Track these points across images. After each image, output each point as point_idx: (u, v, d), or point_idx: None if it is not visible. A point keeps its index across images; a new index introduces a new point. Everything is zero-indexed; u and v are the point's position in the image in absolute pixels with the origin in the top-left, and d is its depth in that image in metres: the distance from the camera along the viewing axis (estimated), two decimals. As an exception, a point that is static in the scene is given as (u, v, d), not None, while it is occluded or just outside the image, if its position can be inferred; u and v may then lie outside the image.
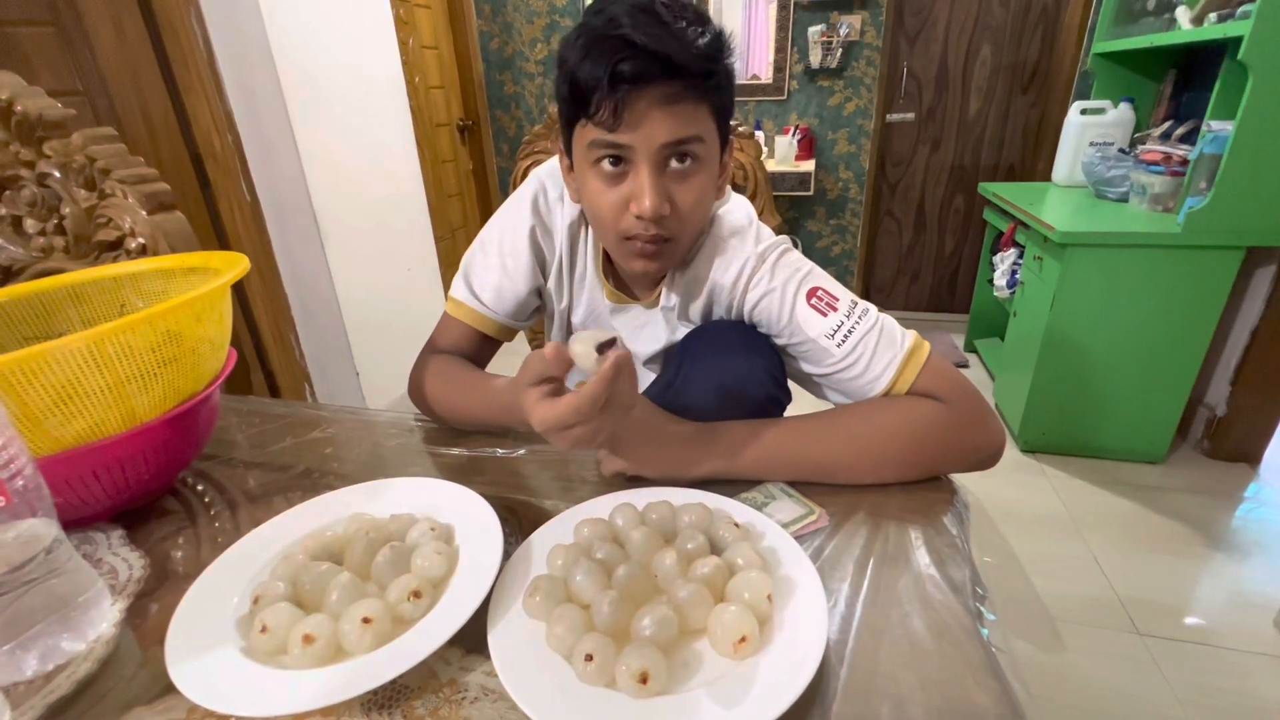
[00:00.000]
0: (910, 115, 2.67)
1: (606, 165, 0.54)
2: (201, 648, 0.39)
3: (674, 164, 0.54)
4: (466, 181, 2.98)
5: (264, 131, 1.72)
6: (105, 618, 0.44)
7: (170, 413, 0.52)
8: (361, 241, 2.09)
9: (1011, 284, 2.06)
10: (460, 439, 0.67)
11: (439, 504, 0.51)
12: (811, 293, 0.58)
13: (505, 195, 0.77)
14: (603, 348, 0.45)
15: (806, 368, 0.61)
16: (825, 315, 0.57)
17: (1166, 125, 1.97)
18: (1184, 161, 1.69)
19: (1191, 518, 1.62)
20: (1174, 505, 1.67)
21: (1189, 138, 1.83)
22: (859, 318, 0.57)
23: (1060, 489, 1.75)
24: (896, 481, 0.54)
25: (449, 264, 2.60)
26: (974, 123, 2.63)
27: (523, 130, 3.04)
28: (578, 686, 0.36)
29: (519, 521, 0.53)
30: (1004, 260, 2.11)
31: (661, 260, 0.59)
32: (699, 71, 0.50)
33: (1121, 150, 2.02)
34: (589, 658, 0.36)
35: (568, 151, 0.59)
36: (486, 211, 3.07)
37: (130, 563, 0.50)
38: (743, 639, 0.37)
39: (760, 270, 0.60)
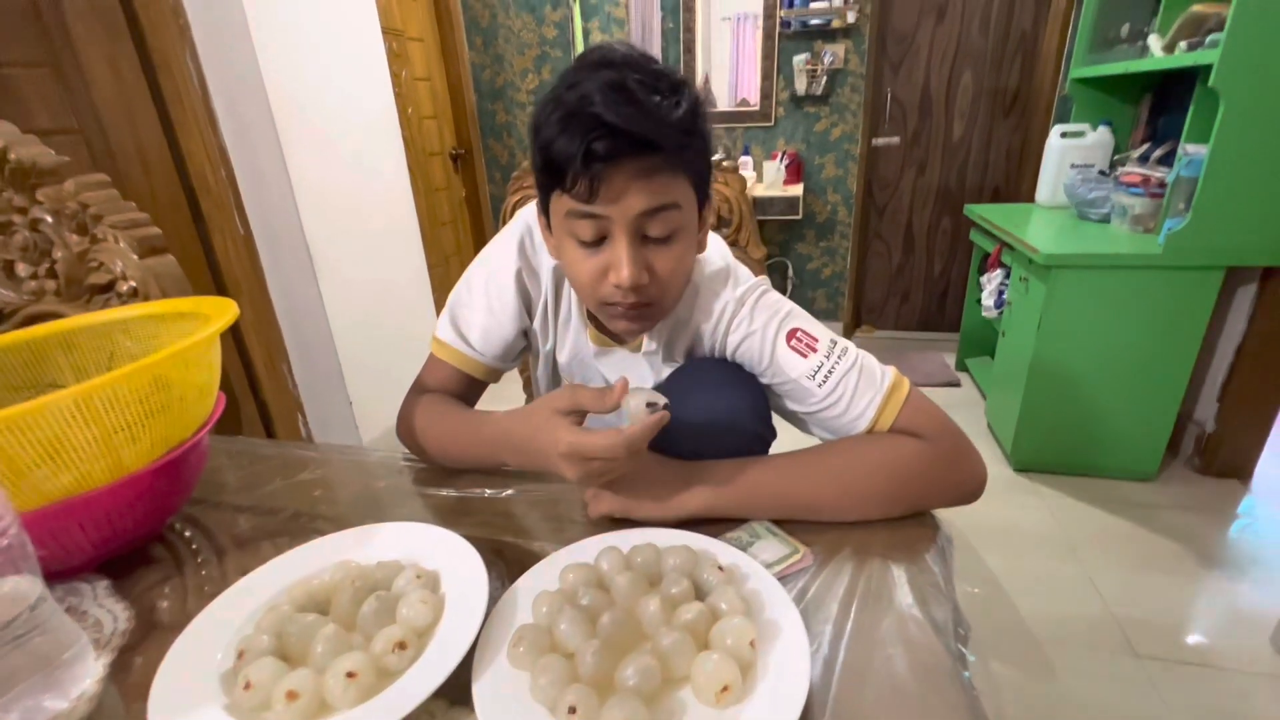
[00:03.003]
0: (895, 139, 2.73)
1: (584, 235, 0.54)
2: (185, 705, 0.39)
3: (652, 233, 0.54)
4: (459, 209, 3.01)
5: (257, 165, 1.74)
6: (89, 674, 0.44)
7: (158, 461, 0.52)
8: (354, 271, 2.11)
9: (999, 304, 2.09)
10: (449, 479, 0.67)
11: (425, 550, 0.51)
12: (791, 334, 0.59)
13: (498, 222, 0.78)
14: (651, 406, 0.51)
15: (791, 405, 0.62)
16: (805, 356, 0.58)
17: (1145, 148, 2.02)
18: (1162, 184, 1.73)
19: (1185, 535, 1.62)
20: (1167, 522, 1.67)
21: (1167, 159, 1.87)
22: (838, 358, 0.58)
23: (1053, 508, 1.76)
24: (880, 518, 0.55)
25: (442, 291, 2.61)
26: (958, 146, 2.69)
27: (515, 158, 3.08)
28: (562, 740, 0.36)
29: (505, 564, 0.54)
30: (991, 281, 2.14)
31: (643, 322, 0.60)
32: (674, 146, 0.50)
33: (1102, 172, 2.07)
34: (572, 710, 0.36)
35: (544, 213, 0.60)
36: (480, 238, 3.10)
37: (115, 615, 0.50)
38: (725, 688, 0.37)
39: (740, 313, 0.61)
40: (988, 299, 2.14)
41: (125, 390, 0.48)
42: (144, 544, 0.59)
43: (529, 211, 0.70)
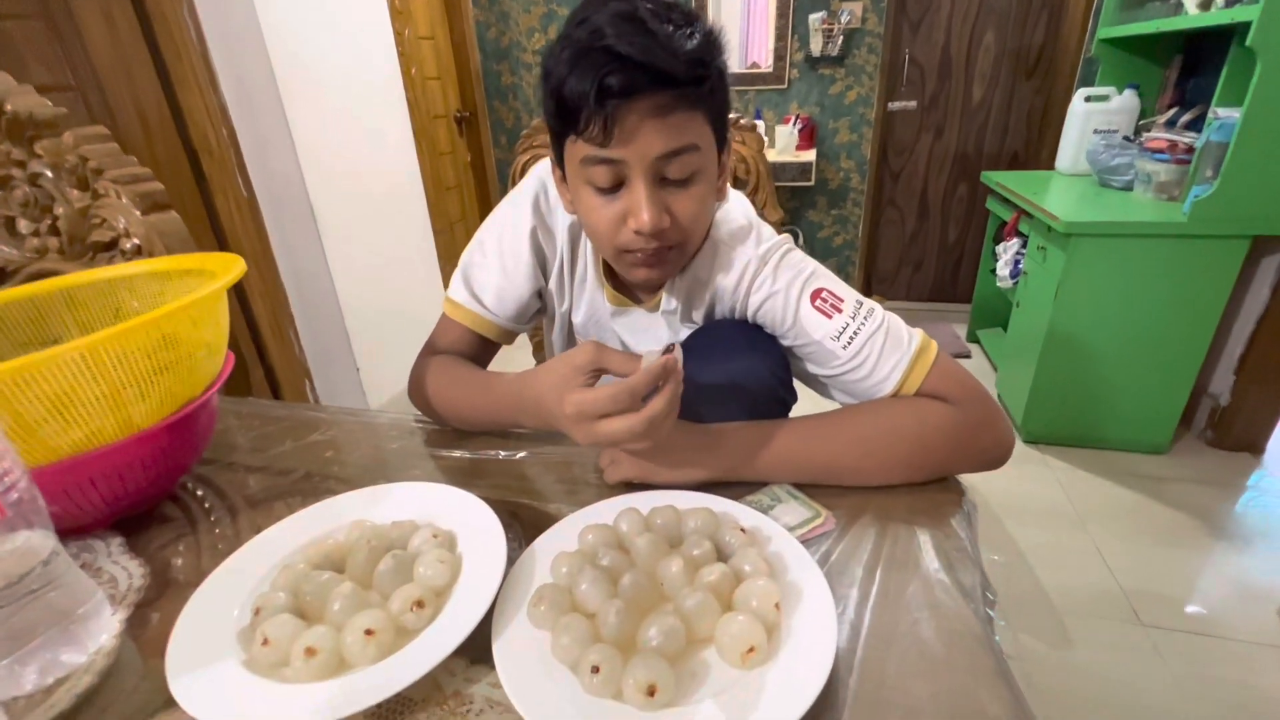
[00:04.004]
0: (912, 103, 2.65)
1: (601, 181, 0.52)
2: (203, 661, 0.38)
3: (671, 175, 0.52)
4: (464, 174, 2.96)
5: (259, 125, 1.71)
6: (105, 629, 0.43)
7: (168, 419, 0.51)
8: (359, 236, 2.08)
9: (1014, 274, 2.05)
10: (462, 441, 0.66)
11: (441, 509, 0.51)
12: (815, 294, 0.57)
13: (504, 187, 0.75)
14: (667, 351, 0.47)
15: (813, 368, 0.60)
16: (830, 317, 0.56)
17: (1172, 112, 1.95)
18: (1189, 149, 1.67)
19: (1195, 508, 1.61)
20: (1177, 495, 1.66)
21: (1194, 125, 1.81)
22: (864, 319, 0.56)
23: (1063, 480, 1.75)
24: (903, 483, 0.54)
25: (448, 257, 2.59)
26: (977, 110, 2.61)
27: (521, 121, 3.01)
28: (584, 698, 0.36)
29: (522, 526, 0.53)
30: (1007, 250, 2.09)
31: (664, 268, 0.58)
32: (690, 79, 0.48)
33: (1126, 138, 2.00)
34: (595, 669, 0.35)
35: (559, 163, 0.58)
36: (485, 204, 3.05)
37: (130, 571, 0.50)
38: (750, 649, 0.36)
39: (762, 273, 0.59)
40: (1003, 268, 2.10)
41: (132, 345, 0.47)
42: (157, 503, 0.58)
43: (543, 168, 0.68)
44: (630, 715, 0.35)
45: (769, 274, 0.58)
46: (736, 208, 0.63)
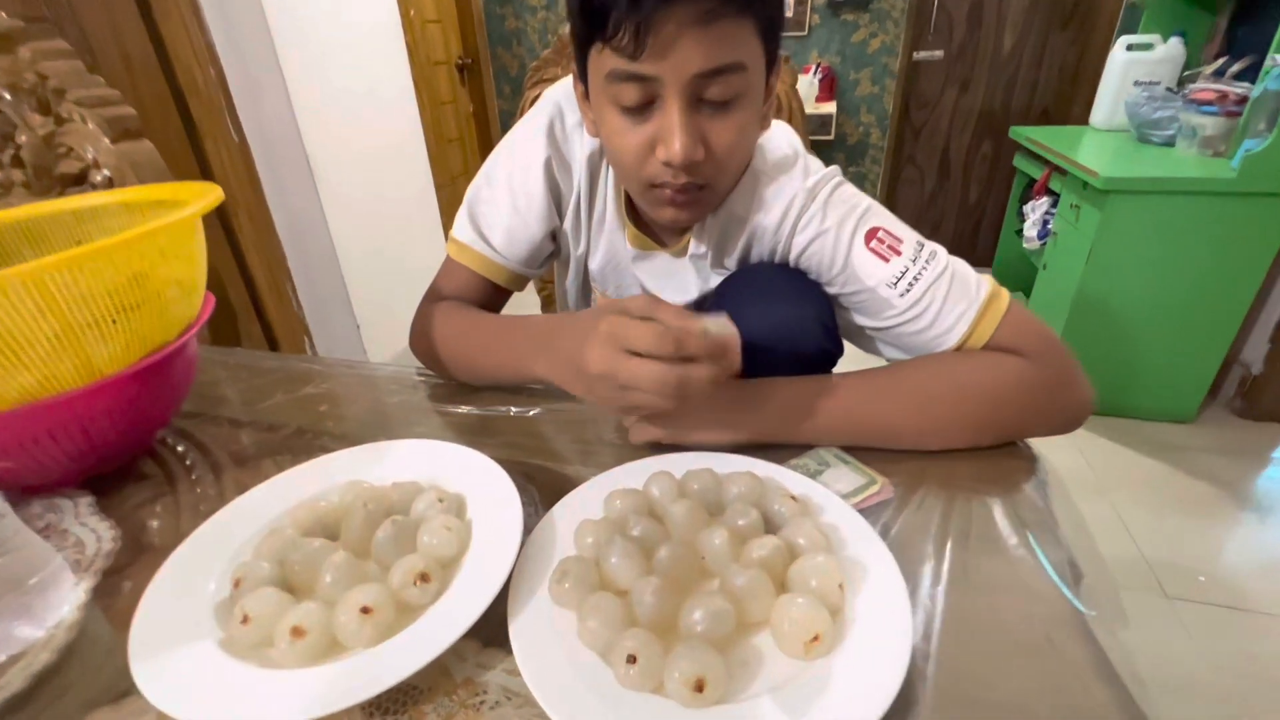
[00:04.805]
0: (939, 53, 2.50)
1: (628, 100, 0.45)
2: (172, 641, 0.33)
3: (710, 97, 0.44)
4: (467, 125, 2.84)
5: (249, 65, 1.60)
6: (66, 600, 0.38)
7: (136, 365, 0.45)
8: (358, 187, 1.99)
9: (1043, 235, 1.96)
10: (469, 395, 0.60)
11: (447, 470, 0.45)
12: (871, 234, 0.50)
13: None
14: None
15: (860, 319, 0.54)
16: (887, 260, 0.49)
17: (1220, 62, 1.82)
18: (1242, 100, 1.57)
19: (1220, 478, 1.57)
20: (1203, 466, 1.61)
21: (1244, 76, 1.70)
22: (926, 262, 0.49)
23: (1085, 448, 1.70)
24: (967, 447, 0.47)
25: (450, 213, 2.49)
26: (1007, 62, 2.46)
27: (525, 70, 2.87)
28: (616, 691, 0.30)
29: (537, 490, 0.47)
30: (1035, 209, 2.00)
31: (694, 209, 0.51)
32: None
33: (1169, 89, 1.89)
34: (632, 659, 0.30)
35: (582, 77, 0.50)
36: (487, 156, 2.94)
37: (99, 534, 0.44)
38: (815, 637, 0.31)
39: (810, 208, 0.52)
40: (1030, 229, 2.01)
41: (89, 277, 0.40)
42: (131, 459, 0.53)
43: (559, 90, 0.60)
44: (673, 712, 0.29)
45: (818, 210, 0.51)
46: (781, 135, 0.56)
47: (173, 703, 0.29)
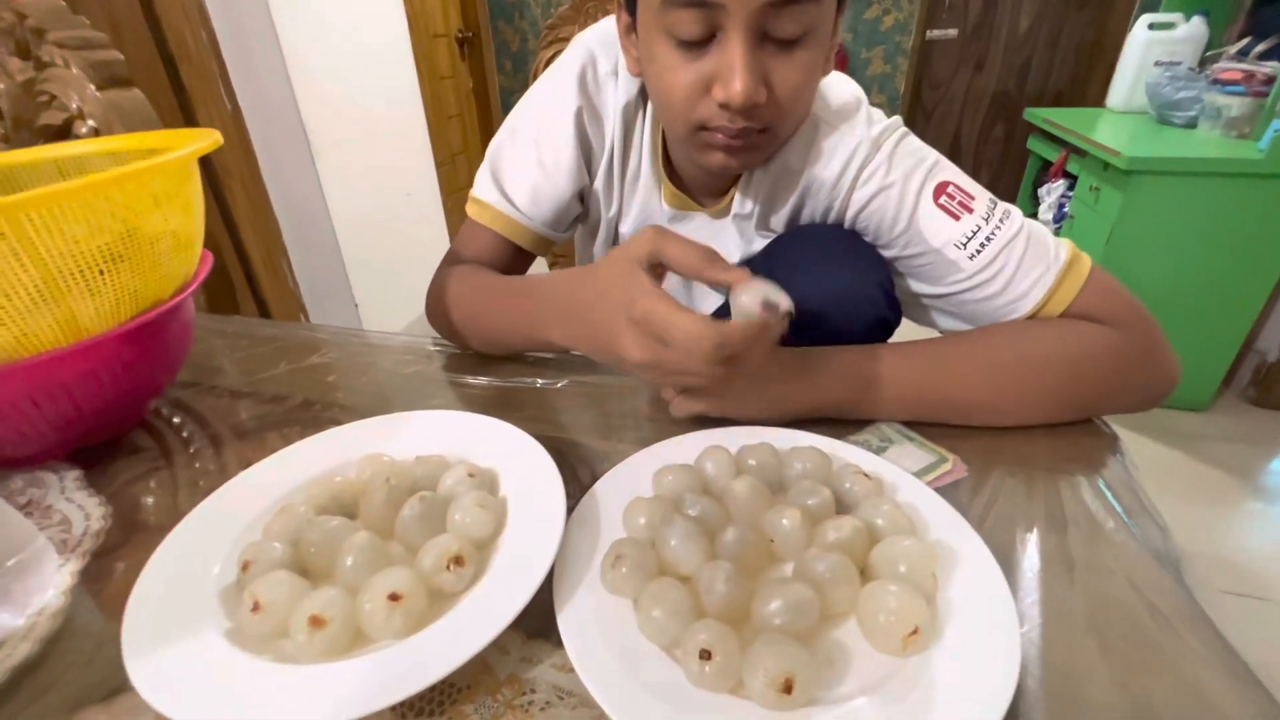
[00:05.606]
0: (953, 32, 2.44)
1: (684, 32, 0.40)
2: (172, 631, 0.29)
3: (778, 33, 0.40)
4: (466, 101, 2.76)
5: (243, 30, 1.53)
6: (50, 583, 0.34)
7: (127, 324, 0.41)
8: (357, 162, 1.92)
9: (1059, 218, 1.92)
10: (490, 366, 0.56)
11: (476, 443, 0.41)
12: (940, 188, 0.46)
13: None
14: (769, 309, 0.35)
15: (916, 286, 0.49)
16: (958, 218, 0.45)
17: (1244, 42, 1.78)
18: (1269, 80, 1.52)
19: (1234, 467, 1.55)
20: (1216, 454, 1.59)
21: (1270, 55, 1.65)
22: (1000, 221, 0.45)
23: (1099, 436, 1.67)
24: (1044, 423, 0.44)
25: (450, 192, 2.43)
26: (1023, 42, 2.41)
27: (527, 44, 2.79)
28: (687, 691, 0.26)
29: (571, 467, 0.43)
30: (1051, 192, 1.95)
31: (748, 155, 0.46)
32: None
33: (1191, 70, 1.84)
34: (706, 654, 0.26)
35: (629, 7, 0.45)
36: (488, 135, 2.86)
37: (88, 511, 0.40)
38: (914, 630, 0.27)
39: (875, 159, 0.47)
40: (1046, 212, 1.97)
41: (71, 220, 0.35)
42: (123, 430, 0.48)
43: (592, 35, 0.55)
44: (755, 716, 0.25)
45: (883, 161, 0.47)
46: (841, 82, 0.51)
47: (173, 702, 0.25)
